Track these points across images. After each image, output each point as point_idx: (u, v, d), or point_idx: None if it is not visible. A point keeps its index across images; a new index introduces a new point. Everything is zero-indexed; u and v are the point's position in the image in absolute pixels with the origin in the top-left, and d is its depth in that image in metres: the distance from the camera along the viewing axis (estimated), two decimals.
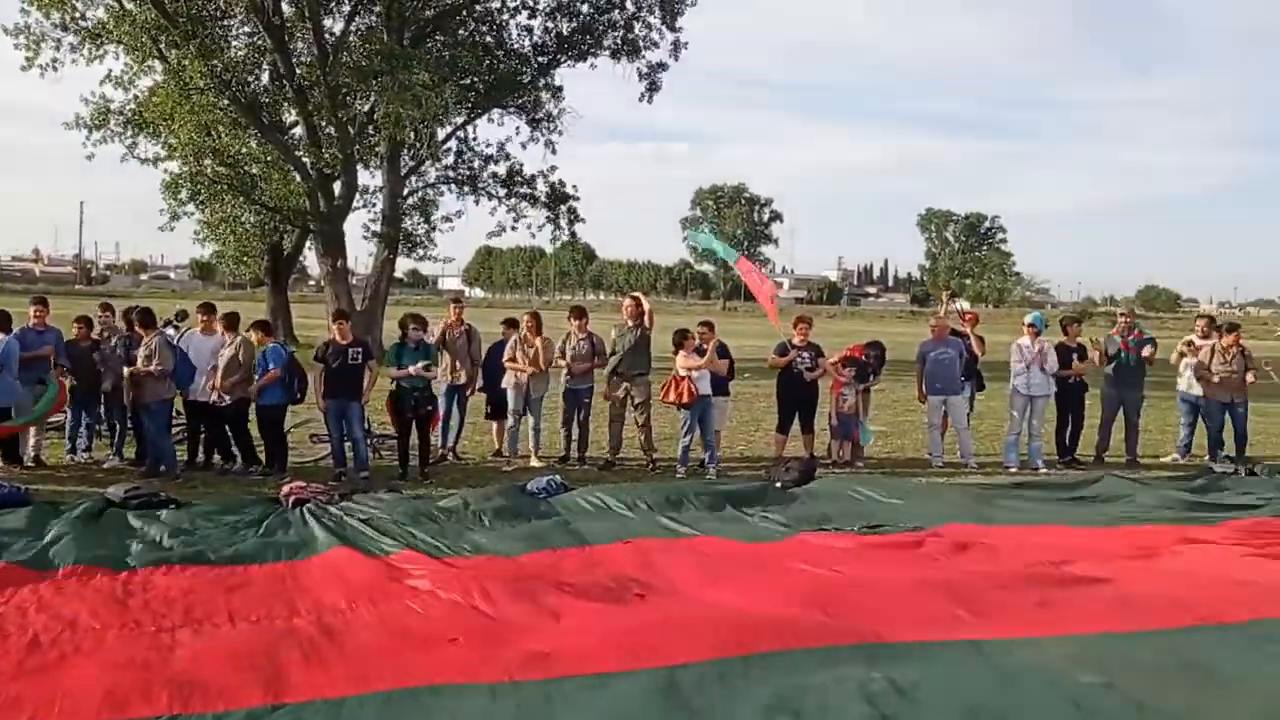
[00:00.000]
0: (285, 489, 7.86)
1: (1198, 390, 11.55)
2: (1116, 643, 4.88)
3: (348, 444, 9.75)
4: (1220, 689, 4.34)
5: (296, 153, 22.69)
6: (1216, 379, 11.27)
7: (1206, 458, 11.42)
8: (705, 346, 10.27)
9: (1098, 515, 8.09)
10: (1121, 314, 13.27)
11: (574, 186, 25.88)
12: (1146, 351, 11.62)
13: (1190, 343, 11.74)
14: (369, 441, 10.18)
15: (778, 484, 8.88)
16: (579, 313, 11.04)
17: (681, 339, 10.38)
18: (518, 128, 25.12)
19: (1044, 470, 10.96)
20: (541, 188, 25.53)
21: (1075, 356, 11.48)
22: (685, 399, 10.00)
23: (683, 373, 10.08)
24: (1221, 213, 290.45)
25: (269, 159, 23.03)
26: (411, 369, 9.52)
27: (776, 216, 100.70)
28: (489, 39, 23.97)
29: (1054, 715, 4.03)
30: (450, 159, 25.32)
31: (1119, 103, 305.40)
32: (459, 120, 24.01)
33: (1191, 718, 4.03)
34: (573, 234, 26.65)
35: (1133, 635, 5.00)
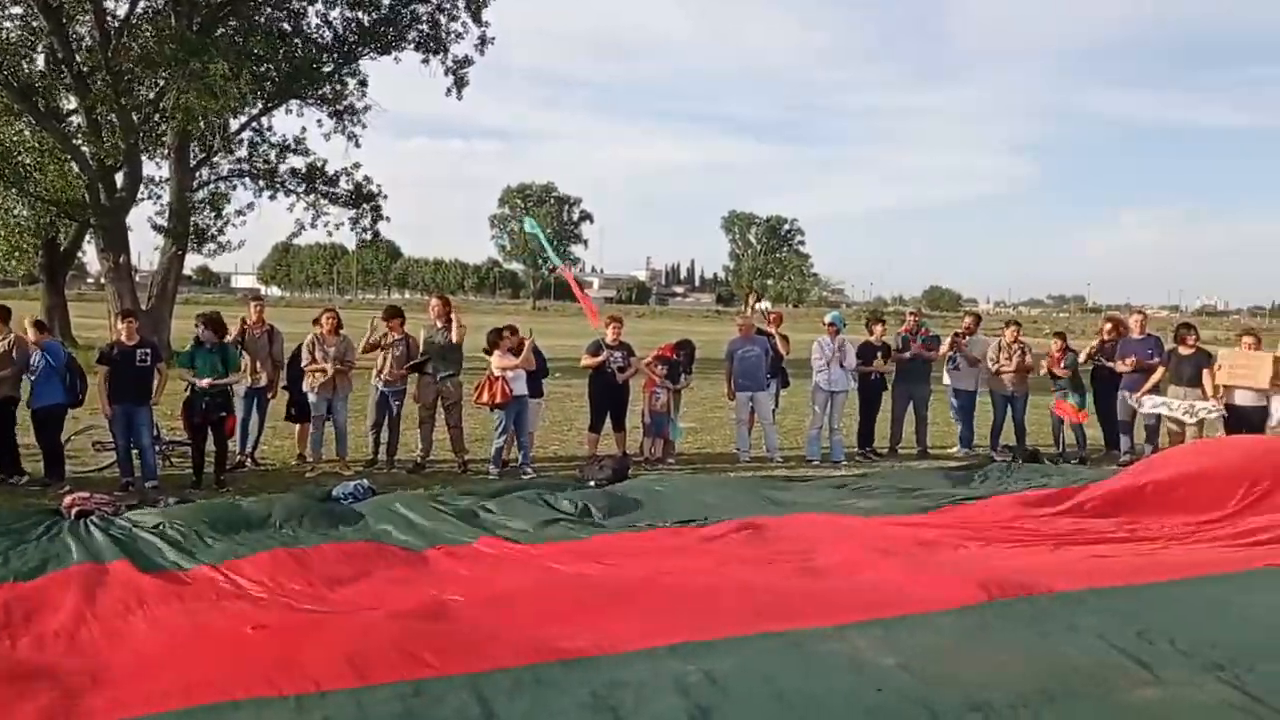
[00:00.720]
0: (67, 500, 7.29)
1: (964, 384, 12.30)
2: (912, 625, 5.11)
3: (135, 451, 9.14)
4: (1004, 661, 4.60)
5: (75, 142, 21.11)
6: (995, 369, 12.05)
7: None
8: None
9: (900, 505, 8.48)
10: (910, 313, 13.99)
11: (379, 186, 25.15)
12: (942, 349, 12.37)
13: (956, 338, 12.46)
14: (158, 449, 9.58)
15: (591, 483, 8.91)
16: (394, 313, 10.72)
17: (496, 339, 10.26)
18: (319, 120, 24.15)
19: (844, 463, 11.43)
20: (345, 185, 24.68)
21: (880, 355, 12.04)
22: (500, 399, 9.88)
23: (497, 373, 9.96)
24: (998, 218, 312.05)
25: (44, 148, 21.44)
26: (205, 382, 9.02)
27: (586, 216, 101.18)
28: (286, 26, 22.96)
29: (857, 696, 4.18)
30: (244, 151, 24.17)
31: (906, 111, 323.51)
32: (254, 111, 22.96)
33: (979, 690, 4.24)
34: (375, 233, 25.87)
35: (926, 616, 5.25)
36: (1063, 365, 11.95)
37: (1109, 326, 12.51)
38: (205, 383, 9.01)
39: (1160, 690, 4.37)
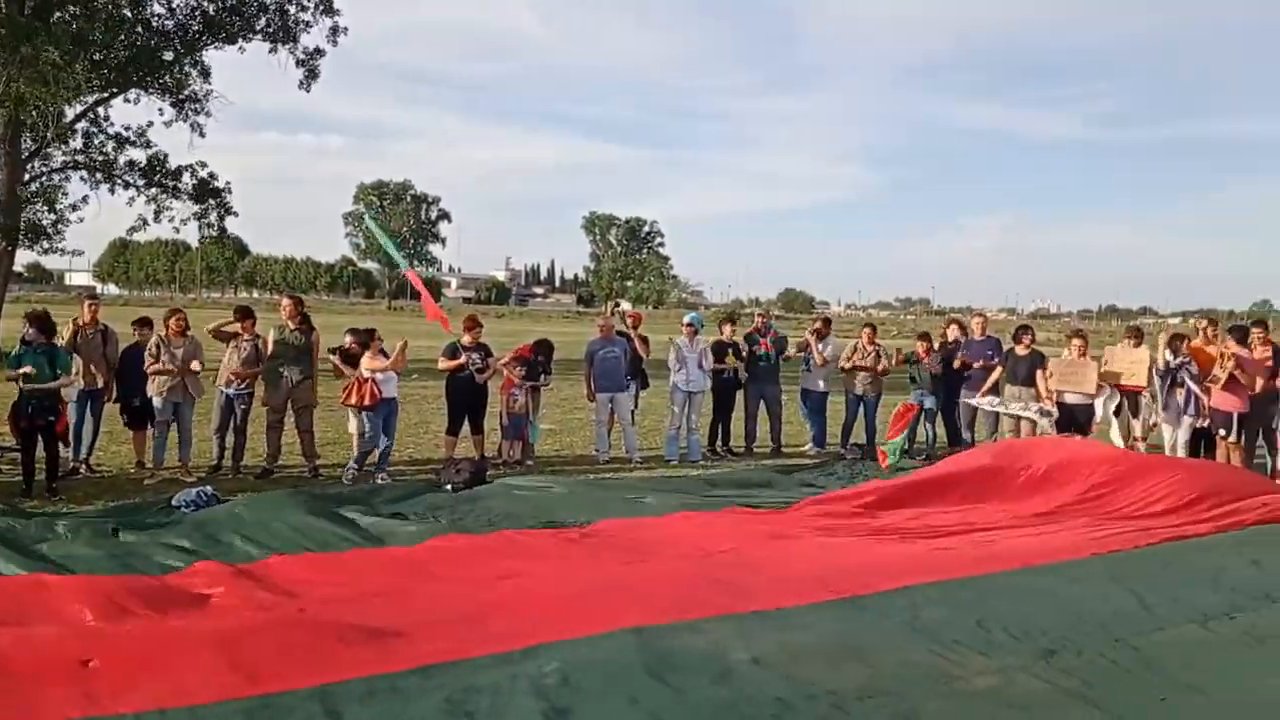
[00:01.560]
0: None
1: (815, 385, 12.67)
2: (766, 620, 5.22)
3: None
4: (852, 655, 4.75)
5: None
6: (850, 367, 12.46)
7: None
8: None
9: (752, 503, 8.65)
10: (759, 315, 14.27)
11: (227, 183, 24.14)
12: (791, 350, 12.69)
13: (808, 342, 12.82)
14: None
15: (448, 486, 8.78)
16: (245, 313, 10.31)
17: (368, 339, 10.00)
18: (161, 109, 23.01)
19: (701, 462, 11.59)
20: (188, 180, 23.59)
21: (730, 352, 12.24)
22: (368, 401, 9.62)
23: (366, 374, 9.70)
24: (848, 222, 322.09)
25: None
26: (24, 369, 8.50)
27: (444, 215, 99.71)
28: (127, 13, 21.81)
29: (710, 691, 4.23)
30: (79, 142, 22.84)
31: (759, 116, 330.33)
32: (90, 100, 21.72)
33: (828, 683, 4.36)
34: (222, 229, 24.82)
35: (780, 612, 5.37)
36: (928, 363, 12.41)
37: (953, 329, 13.09)
38: (24, 370, 8.48)
39: (998, 677, 4.58)
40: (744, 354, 12.44)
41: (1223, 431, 10.65)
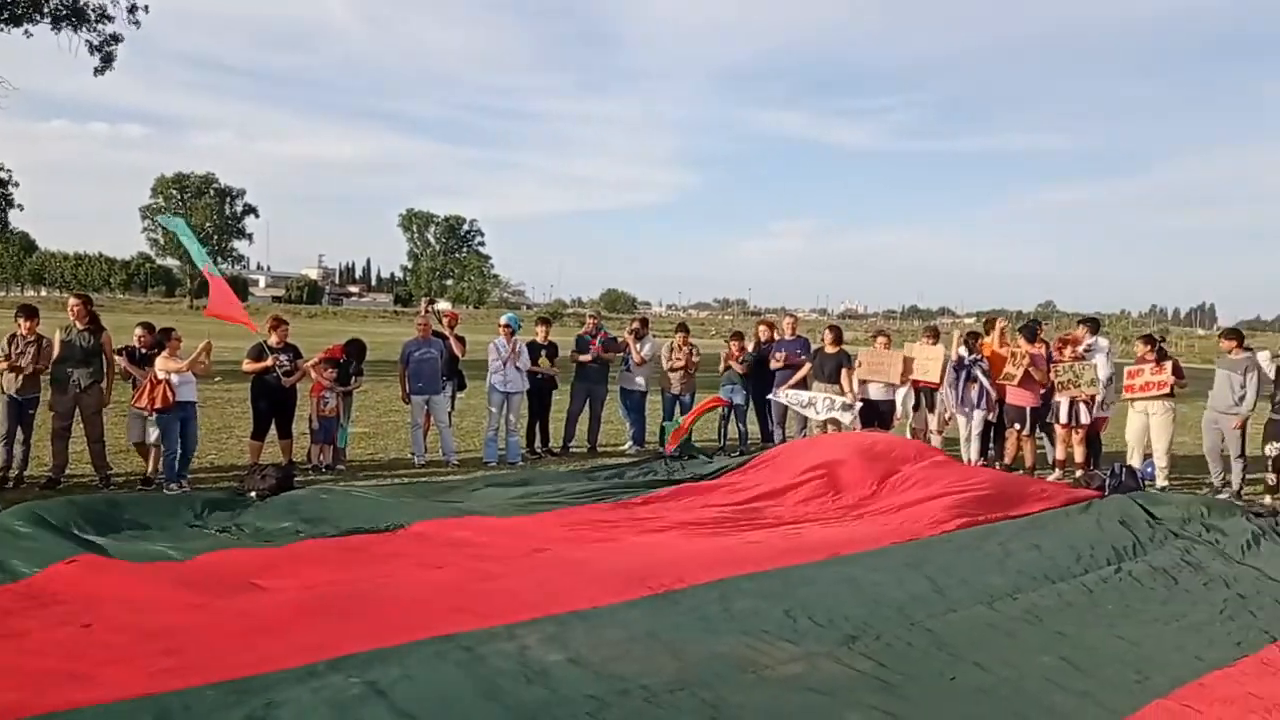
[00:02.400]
0: None
1: (634, 384, 12.86)
2: (581, 620, 5.24)
3: None
4: (665, 649, 4.83)
5: None
6: (668, 368, 12.70)
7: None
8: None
9: (571, 502, 8.66)
10: (590, 316, 14.36)
11: (10, 173, 22.43)
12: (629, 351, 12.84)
13: (626, 341, 13.01)
14: None
15: (251, 494, 8.40)
16: (29, 312, 9.54)
17: (163, 338, 9.44)
18: None
19: (520, 464, 11.52)
20: None
21: (544, 354, 12.22)
22: (160, 404, 9.08)
23: (161, 375, 9.15)
24: (668, 225, 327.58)
25: None
26: None
27: (251, 210, 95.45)
28: None
29: (524, 693, 4.22)
30: None
31: (579, 118, 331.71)
32: None
33: (641, 678, 4.41)
34: (4, 223, 23.05)
35: (595, 611, 5.40)
36: (741, 361, 12.74)
37: (764, 329, 13.52)
38: None
39: (803, 664, 4.76)
40: (573, 355, 12.53)
41: (1018, 425, 11.40)
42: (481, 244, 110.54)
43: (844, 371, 12.01)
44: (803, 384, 12.28)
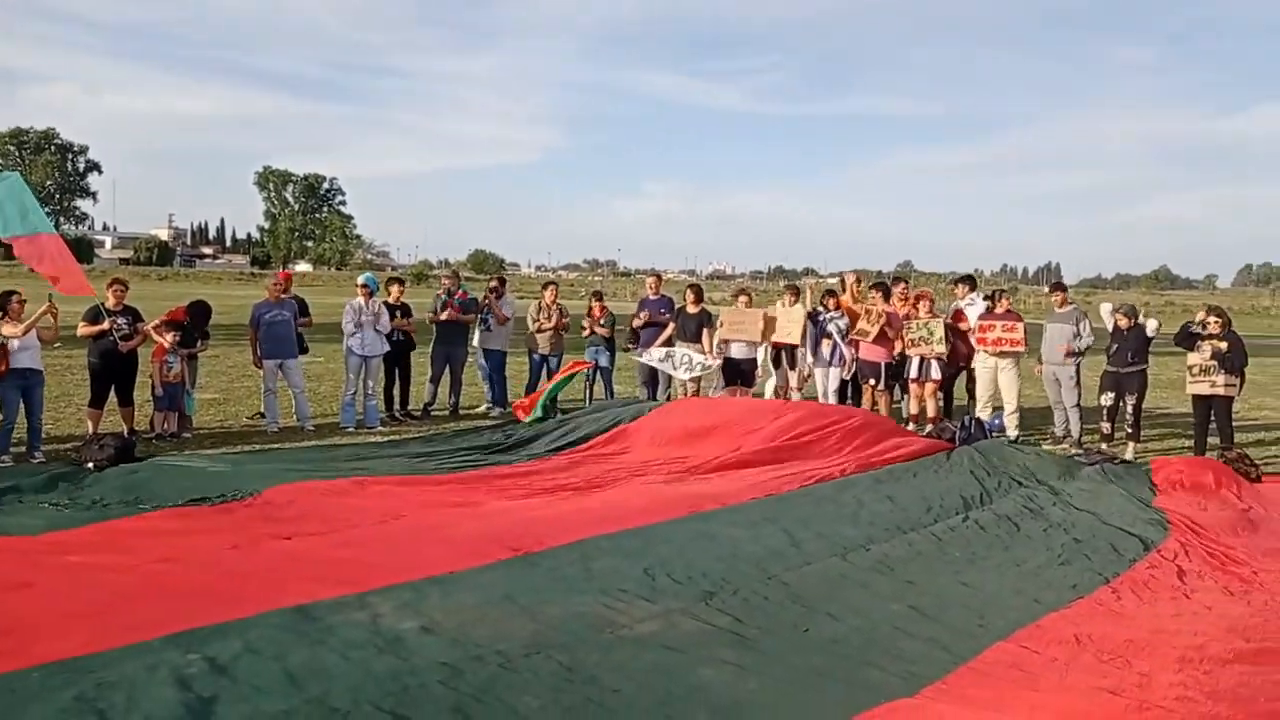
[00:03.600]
0: None
1: (495, 344, 12.72)
2: (438, 586, 5.13)
3: None
4: (523, 613, 4.77)
5: None
6: (534, 329, 12.59)
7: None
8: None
9: (431, 468, 8.50)
10: (445, 277, 14.06)
11: None
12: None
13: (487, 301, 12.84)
14: None
15: (89, 464, 7.96)
16: None
17: (4, 301, 8.79)
18: None
19: (379, 428, 11.25)
20: None
21: (399, 314, 11.92)
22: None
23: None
24: (536, 184, 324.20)
25: None
26: None
27: (94, 166, 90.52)
28: None
29: (375, 663, 4.10)
30: None
31: (444, 76, 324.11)
32: None
33: (496, 643, 4.34)
34: None
35: (453, 576, 5.30)
36: (601, 323, 12.67)
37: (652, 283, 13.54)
38: None
39: (660, 622, 4.76)
40: (430, 317, 12.27)
41: (872, 380, 11.69)
42: (343, 204, 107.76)
43: (705, 331, 12.10)
44: (669, 344, 12.33)
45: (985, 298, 12.50)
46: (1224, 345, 10.12)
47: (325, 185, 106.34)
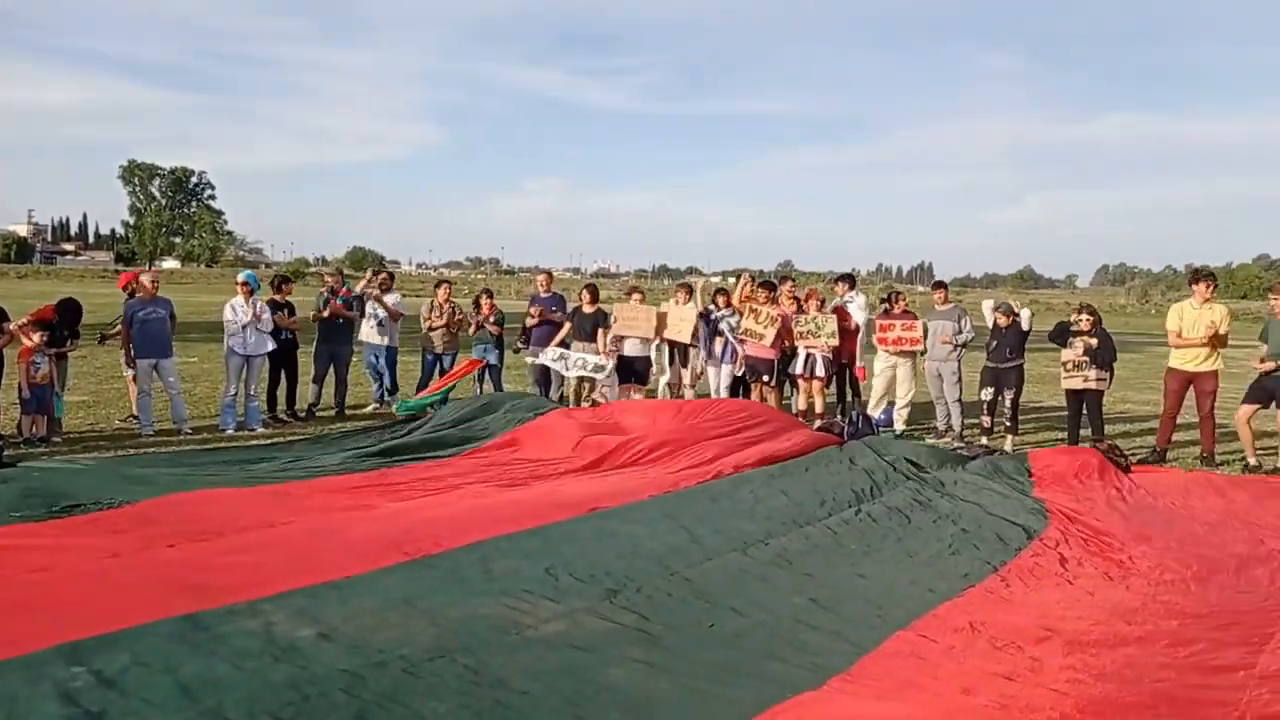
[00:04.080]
0: None
1: (376, 340, 12.50)
2: (333, 592, 4.98)
3: None
4: (423, 617, 4.66)
5: None
6: (427, 327, 12.41)
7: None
8: None
9: (319, 469, 8.26)
10: (328, 275, 13.74)
11: None
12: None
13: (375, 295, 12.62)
14: None
15: None
16: None
17: None
18: None
19: (260, 430, 10.90)
20: None
21: (285, 312, 11.60)
22: None
23: None
24: (416, 181, 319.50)
25: None
26: None
27: None
28: None
29: (271, 673, 3.94)
30: None
31: (315, 67, 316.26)
32: None
33: (398, 648, 4.23)
34: None
35: (348, 581, 5.14)
36: (492, 320, 12.56)
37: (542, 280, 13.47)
38: None
39: (565, 622, 4.71)
40: (313, 315, 11.95)
41: (766, 377, 11.86)
42: (213, 198, 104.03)
43: (601, 331, 12.08)
44: (564, 345, 12.27)
45: (883, 299, 12.88)
46: (1094, 341, 10.60)
47: (194, 179, 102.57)
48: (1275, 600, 5.38)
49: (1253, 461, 10.04)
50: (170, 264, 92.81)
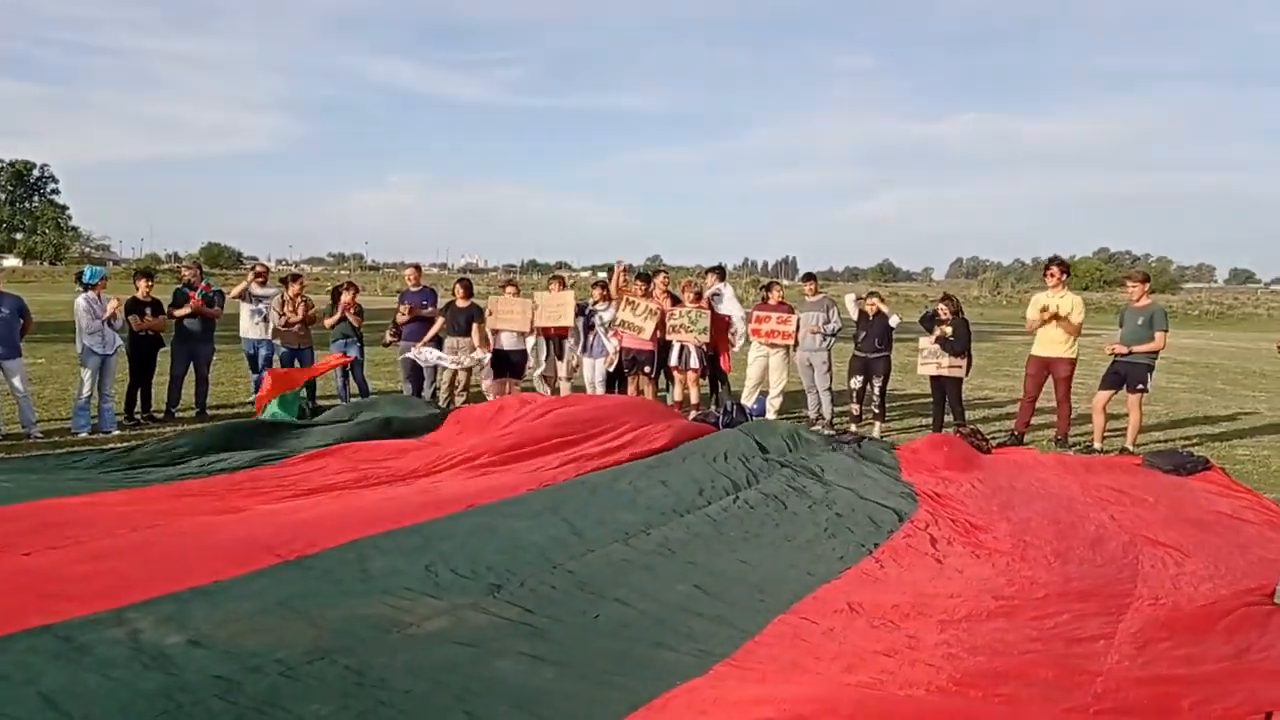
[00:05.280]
0: None
1: (256, 335, 12.15)
2: (204, 597, 4.78)
3: None
4: (299, 619, 4.53)
5: None
6: (284, 323, 12.03)
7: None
8: None
9: (183, 471, 7.93)
10: (186, 267, 13.22)
11: None
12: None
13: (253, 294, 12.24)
14: None
15: None
16: None
17: None
18: None
19: (116, 432, 10.39)
20: None
21: (150, 311, 11.12)
22: None
23: None
24: (272, 174, 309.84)
25: None
26: None
27: None
28: None
29: (141, 682, 3.77)
30: None
31: (162, 56, 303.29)
32: None
33: (274, 652, 4.10)
34: None
35: (219, 585, 4.95)
36: (354, 311, 12.27)
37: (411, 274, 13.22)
38: None
39: (448, 618, 4.64)
40: (169, 310, 11.44)
41: (648, 369, 11.91)
42: (56, 193, 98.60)
43: (475, 325, 11.93)
44: (437, 341, 12.08)
45: (763, 288, 13.10)
46: (949, 330, 11.02)
47: (35, 173, 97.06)
48: (1128, 572, 5.69)
49: (1097, 445, 10.58)
50: (11, 261, 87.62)
